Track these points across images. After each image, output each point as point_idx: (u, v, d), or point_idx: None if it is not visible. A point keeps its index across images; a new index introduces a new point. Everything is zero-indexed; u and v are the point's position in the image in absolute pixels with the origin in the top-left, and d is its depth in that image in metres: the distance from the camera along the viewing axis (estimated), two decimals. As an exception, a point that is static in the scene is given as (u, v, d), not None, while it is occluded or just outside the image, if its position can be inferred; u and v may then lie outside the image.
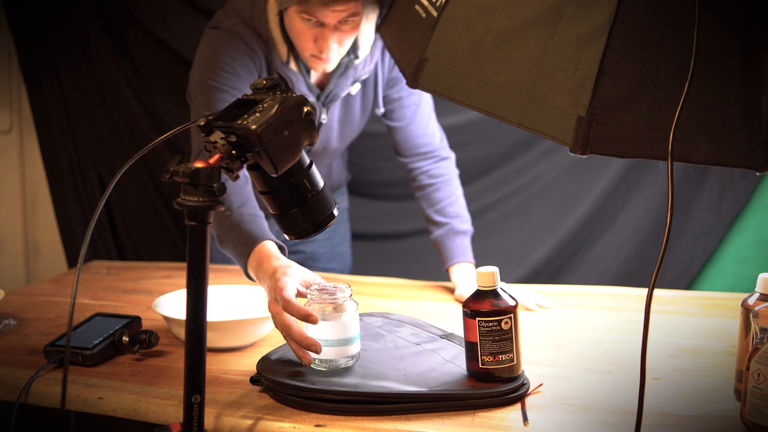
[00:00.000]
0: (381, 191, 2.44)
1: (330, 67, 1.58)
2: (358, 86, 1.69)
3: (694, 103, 1.02)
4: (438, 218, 1.79)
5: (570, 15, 1.06)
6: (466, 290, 1.64)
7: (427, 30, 1.22)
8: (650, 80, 1.03)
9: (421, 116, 1.80)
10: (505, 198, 2.36)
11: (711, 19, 1.01)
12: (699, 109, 1.02)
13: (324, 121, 1.70)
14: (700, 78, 1.02)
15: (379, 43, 1.66)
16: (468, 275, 1.70)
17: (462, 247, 1.75)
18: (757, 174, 1.08)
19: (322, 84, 1.67)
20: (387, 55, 1.69)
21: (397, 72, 1.72)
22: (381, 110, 1.77)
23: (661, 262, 0.89)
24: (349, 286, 1.20)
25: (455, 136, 2.17)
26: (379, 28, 1.48)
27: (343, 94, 1.68)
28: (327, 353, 1.15)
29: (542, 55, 1.07)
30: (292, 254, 2.05)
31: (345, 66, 1.63)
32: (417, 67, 1.21)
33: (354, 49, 1.62)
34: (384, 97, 1.76)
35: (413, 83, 1.22)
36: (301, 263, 2.09)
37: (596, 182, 2.27)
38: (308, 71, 1.62)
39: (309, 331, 1.16)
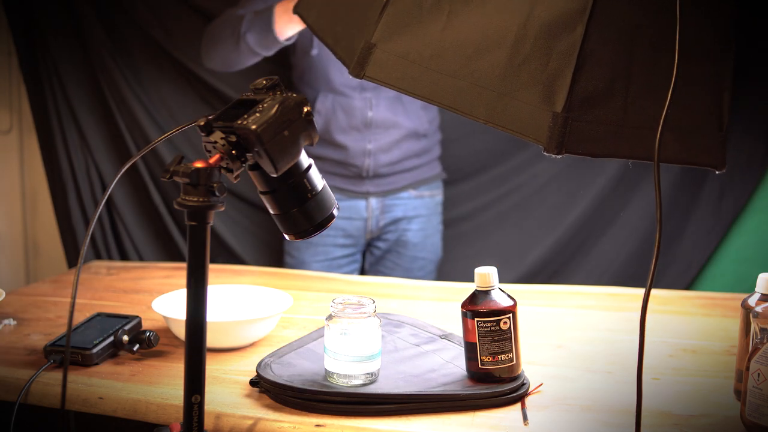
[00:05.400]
0: None
1: None
2: None
3: (662, 99, 0.94)
4: None
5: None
6: None
7: (373, 10, 1.10)
8: (625, 74, 0.97)
9: None
10: (503, 196, 2.36)
11: (682, 10, 0.94)
12: (663, 106, 0.93)
13: None
14: (669, 72, 0.94)
15: None
16: None
17: None
18: (716, 172, 1.03)
19: None
20: None
21: None
22: None
23: (655, 266, 0.86)
24: (374, 302, 1.15)
25: (451, 131, 2.16)
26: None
27: None
28: (347, 368, 1.12)
29: (513, 44, 0.98)
30: (387, 241, 2.17)
31: None
32: (363, 54, 1.08)
33: None
34: None
35: (358, 72, 1.09)
36: (390, 249, 2.18)
37: (596, 181, 2.26)
38: None
39: (329, 343, 1.14)
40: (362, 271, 2.24)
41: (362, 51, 1.07)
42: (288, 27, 1.82)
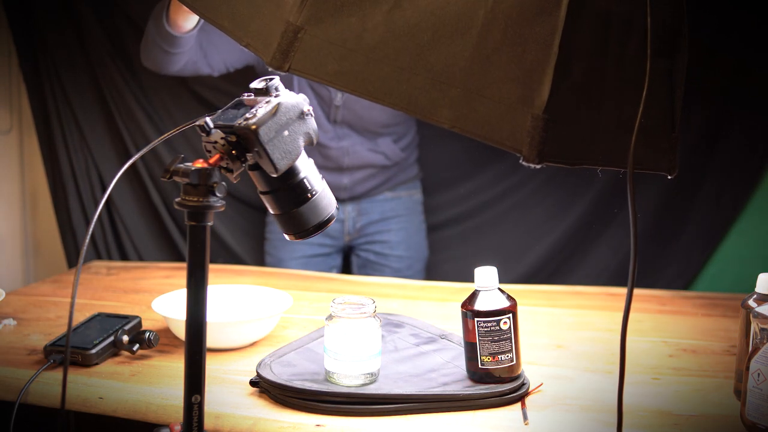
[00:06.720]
0: None
1: None
2: None
3: (631, 95, 0.83)
4: None
5: None
6: None
7: None
8: (599, 68, 0.84)
9: None
10: (502, 195, 2.36)
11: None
12: (632, 104, 0.81)
13: None
14: (635, 64, 0.82)
15: None
16: None
17: None
18: (669, 177, 0.92)
19: None
20: None
21: None
22: None
23: (634, 271, 0.84)
24: (374, 302, 1.15)
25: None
26: None
27: None
28: (347, 368, 1.12)
29: (480, 30, 0.81)
30: (371, 243, 2.16)
31: None
32: (286, 40, 0.87)
33: None
34: None
35: (281, 63, 0.88)
36: (375, 251, 2.14)
37: (594, 180, 2.26)
38: None
39: (329, 343, 1.14)
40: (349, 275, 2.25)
41: (285, 36, 0.87)
42: (180, 15, 1.61)
